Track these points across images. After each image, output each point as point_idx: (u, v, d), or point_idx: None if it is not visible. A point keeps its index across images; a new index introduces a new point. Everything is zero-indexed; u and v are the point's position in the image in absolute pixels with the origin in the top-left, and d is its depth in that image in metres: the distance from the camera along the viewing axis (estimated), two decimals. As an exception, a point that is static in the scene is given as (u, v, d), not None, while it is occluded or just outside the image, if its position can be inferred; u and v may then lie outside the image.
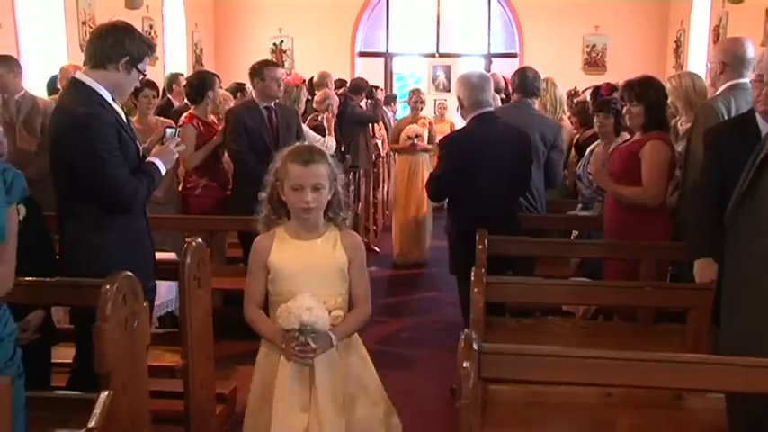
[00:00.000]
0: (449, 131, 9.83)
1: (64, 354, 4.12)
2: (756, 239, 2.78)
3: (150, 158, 4.05)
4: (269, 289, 3.30)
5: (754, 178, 2.80)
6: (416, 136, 9.29)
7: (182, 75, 10.20)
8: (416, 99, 9.70)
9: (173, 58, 14.07)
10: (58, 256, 3.96)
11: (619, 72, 12.14)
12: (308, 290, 3.15)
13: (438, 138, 9.04)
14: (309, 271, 3.24)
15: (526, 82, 5.93)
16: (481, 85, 5.10)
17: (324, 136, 7.53)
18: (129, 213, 3.87)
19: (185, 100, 7.44)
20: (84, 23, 10.99)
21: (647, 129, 4.85)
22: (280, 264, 3.26)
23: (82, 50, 10.26)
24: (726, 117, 4.48)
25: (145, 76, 4.07)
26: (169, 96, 9.42)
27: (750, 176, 2.82)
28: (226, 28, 16.23)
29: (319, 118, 7.83)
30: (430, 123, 9.75)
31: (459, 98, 5.15)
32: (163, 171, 4.06)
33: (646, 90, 4.88)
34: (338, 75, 11.41)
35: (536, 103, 6.14)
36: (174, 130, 4.28)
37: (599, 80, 10.34)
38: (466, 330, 2.66)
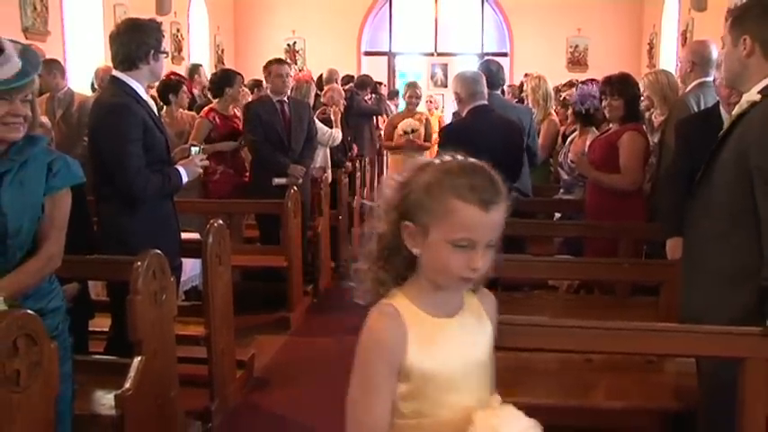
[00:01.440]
0: (438, 126, 9.69)
1: (101, 323, 4.14)
2: (707, 221, 2.81)
3: (177, 166, 4.11)
4: (398, 407, 1.74)
5: (707, 166, 2.82)
6: (412, 131, 8.02)
7: (201, 65, 10.17)
8: (411, 93, 8.44)
9: (197, 58, 14.05)
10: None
11: (599, 70, 12.02)
12: (468, 397, 1.76)
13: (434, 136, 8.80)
14: (469, 366, 1.79)
15: (491, 75, 5.75)
16: (476, 79, 5.11)
17: (331, 128, 7.54)
18: (139, 201, 3.87)
19: (207, 93, 7.47)
20: (119, 28, 11.09)
21: (625, 120, 4.85)
22: (431, 366, 1.73)
23: (118, 53, 10.39)
24: (696, 111, 4.50)
25: (167, 54, 4.14)
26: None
27: (705, 164, 2.84)
28: (244, 30, 16.18)
29: (327, 111, 7.82)
30: (427, 119, 8.56)
31: (456, 93, 5.14)
32: (185, 179, 4.08)
33: (625, 86, 4.89)
34: (345, 72, 11.38)
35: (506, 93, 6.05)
36: (198, 149, 4.40)
37: (581, 77, 10.29)
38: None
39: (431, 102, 12.01)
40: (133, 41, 3.86)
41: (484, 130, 4.94)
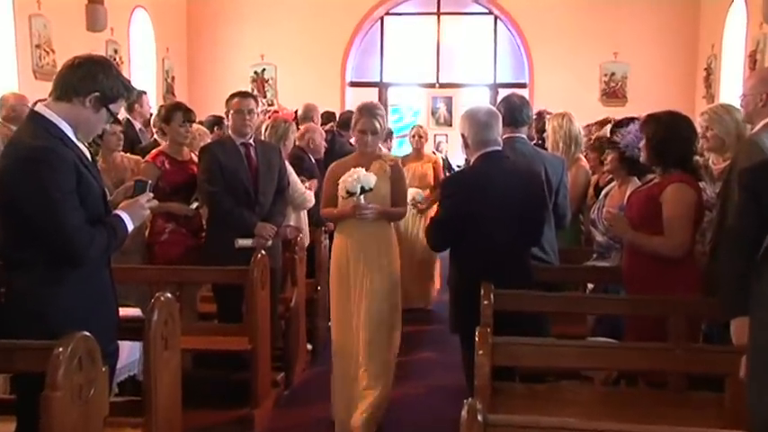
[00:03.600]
0: (431, 174, 9.55)
1: (1, 429, 4.04)
2: None
3: (117, 211, 4.00)
4: None
5: None
6: (362, 190, 5.45)
7: (144, 92, 10.22)
8: (364, 124, 5.68)
9: (140, 87, 14.12)
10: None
11: (641, 103, 12.15)
12: None
13: (411, 193, 8.44)
14: None
15: (514, 111, 5.78)
16: (488, 122, 5.09)
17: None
18: (79, 266, 3.78)
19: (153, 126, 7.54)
20: (38, 47, 11.10)
21: (661, 165, 4.86)
22: None
23: (36, 76, 10.44)
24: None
25: (116, 118, 4.04)
26: (129, 117, 9.31)
27: None
28: (201, 53, 16.33)
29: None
30: (395, 166, 5.87)
31: (463, 136, 5.13)
32: (130, 227, 3.99)
33: (646, 123, 5.03)
34: (327, 107, 11.40)
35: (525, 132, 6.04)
36: (142, 185, 4.24)
37: (618, 112, 10.38)
38: (469, 399, 2.62)
39: (420, 137, 9.94)
40: (82, 69, 3.82)
41: (496, 180, 4.93)
